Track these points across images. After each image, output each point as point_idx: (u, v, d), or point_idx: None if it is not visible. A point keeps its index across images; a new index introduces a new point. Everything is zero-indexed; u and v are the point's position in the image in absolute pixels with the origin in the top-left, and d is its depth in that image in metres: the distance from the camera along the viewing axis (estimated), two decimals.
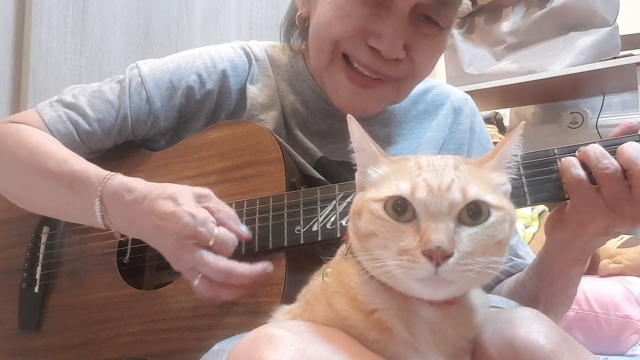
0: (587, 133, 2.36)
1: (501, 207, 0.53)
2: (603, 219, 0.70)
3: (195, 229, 0.73)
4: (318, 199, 0.81)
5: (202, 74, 0.95)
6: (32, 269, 0.94)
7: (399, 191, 0.52)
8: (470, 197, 0.51)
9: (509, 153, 0.58)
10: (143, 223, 0.77)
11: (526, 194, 0.73)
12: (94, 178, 0.81)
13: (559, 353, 0.54)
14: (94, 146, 0.94)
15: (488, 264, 0.51)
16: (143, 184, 0.79)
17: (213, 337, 0.75)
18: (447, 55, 2.33)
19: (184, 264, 0.75)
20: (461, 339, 0.57)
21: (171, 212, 0.74)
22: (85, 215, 0.83)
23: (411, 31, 0.85)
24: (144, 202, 0.77)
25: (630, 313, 1.65)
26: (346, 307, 0.57)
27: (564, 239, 0.77)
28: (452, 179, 0.52)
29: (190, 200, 0.76)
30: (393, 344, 0.55)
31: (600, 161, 0.69)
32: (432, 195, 0.51)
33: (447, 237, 0.49)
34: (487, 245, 0.52)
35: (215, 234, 0.74)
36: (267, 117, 0.93)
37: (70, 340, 0.89)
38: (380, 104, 0.94)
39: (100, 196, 0.80)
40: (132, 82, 0.94)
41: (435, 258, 0.49)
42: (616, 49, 2.01)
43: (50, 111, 0.93)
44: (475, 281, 0.53)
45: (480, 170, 0.56)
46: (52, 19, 1.52)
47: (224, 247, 0.74)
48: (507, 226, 0.53)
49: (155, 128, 0.95)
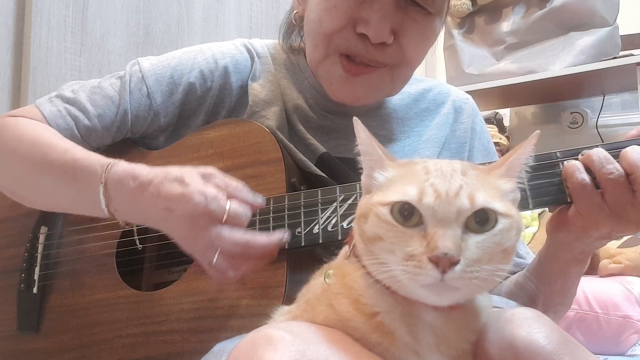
0: (587, 133, 2.36)
1: (509, 215, 0.52)
2: (607, 224, 0.70)
3: (207, 206, 0.73)
4: (319, 200, 0.80)
5: (203, 70, 0.95)
6: (30, 270, 0.94)
7: (406, 196, 0.52)
8: (478, 204, 0.51)
9: (519, 162, 0.57)
10: (150, 208, 0.76)
11: (528, 198, 0.73)
12: (97, 166, 0.80)
13: (559, 353, 0.54)
14: (93, 142, 0.94)
15: (494, 271, 0.51)
16: (147, 169, 0.78)
17: (214, 340, 0.74)
18: (447, 55, 2.33)
19: (199, 243, 0.74)
20: (464, 342, 0.57)
21: (180, 194, 0.74)
22: (89, 205, 0.82)
23: (399, 17, 0.85)
24: (150, 186, 0.76)
25: (630, 313, 1.65)
26: (349, 308, 0.57)
27: (566, 240, 0.77)
28: (461, 185, 0.52)
29: (197, 179, 0.76)
30: (394, 347, 0.55)
31: (604, 166, 0.68)
32: (440, 201, 0.51)
33: (455, 244, 0.49)
34: (494, 252, 0.51)
35: (228, 208, 0.74)
36: (269, 113, 0.93)
37: (69, 342, 0.89)
38: (374, 93, 0.94)
39: (104, 184, 0.79)
40: (133, 78, 0.94)
41: (442, 265, 0.49)
42: (616, 49, 2.00)
43: (49, 106, 0.92)
44: (480, 288, 0.53)
45: (488, 177, 0.55)
46: (52, 19, 1.51)
47: (237, 219, 0.74)
48: (513, 234, 0.53)
49: (155, 124, 0.95)
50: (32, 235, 0.95)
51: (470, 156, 1.01)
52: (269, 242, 0.75)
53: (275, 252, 0.77)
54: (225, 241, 0.73)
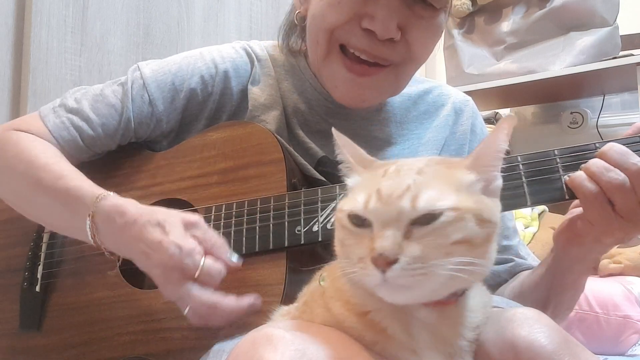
0: (587, 133, 2.36)
1: (456, 208, 0.51)
2: (621, 229, 0.70)
3: (181, 261, 0.72)
4: (319, 199, 0.81)
5: (204, 75, 0.95)
6: (33, 268, 0.94)
7: (355, 205, 0.54)
8: (419, 205, 0.51)
9: (490, 150, 0.56)
10: (132, 248, 0.77)
11: (526, 195, 0.73)
12: (88, 197, 0.81)
13: (560, 353, 0.55)
14: (97, 149, 0.95)
15: (456, 264, 0.50)
16: (135, 207, 0.78)
17: (213, 337, 0.75)
18: (447, 55, 2.32)
19: (172, 293, 0.74)
20: (460, 339, 0.57)
21: (158, 242, 0.73)
22: (78, 232, 0.83)
23: (405, 13, 0.85)
24: (134, 227, 0.76)
25: (630, 313, 1.65)
26: (341, 310, 0.58)
27: (579, 255, 0.77)
28: (408, 186, 0.52)
29: (178, 229, 0.75)
30: (390, 345, 0.55)
31: (605, 174, 0.68)
32: (382, 203, 0.52)
33: (391, 244, 0.50)
34: (442, 246, 0.51)
35: (202, 265, 0.73)
36: (268, 117, 0.94)
37: (70, 340, 0.90)
38: (380, 94, 0.93)
39: (91, 215, 0.79)
40: (135, 85, 0.94)
41: (380, 265, 0.50)
42: (616, 49, 2.00)
43: (53, 117, 0.93)
44: (451, 281, 0.52)
45: (449, 171, 0.55)
46: (52, 19, 1.52)
47: (210, 278, 0.73)
48: (467, 225, 0.52)
49: (158, 130, 0.95)
50: (36, 235, 0.96)
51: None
52: (237, 307, 0.74)
53: (245, 315, 0.75)
54: (193, 300, 0.72)
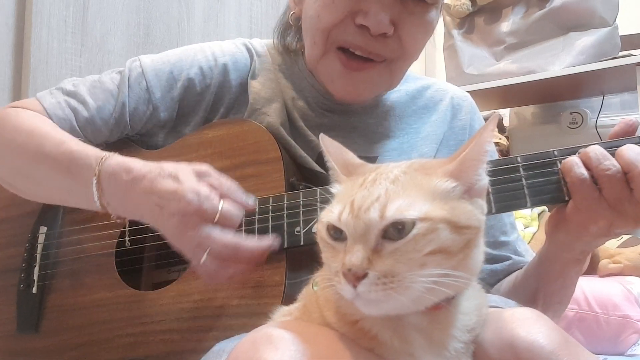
0: (586, 133, 2.36)
1: (428, 218, 0.50)
2: (605, 218, 0.70)
3: (200, 205, 0.72)
4: (318, 199, 0.80)
5: (203, 66, 0.96)
6: (29, 269, 0.94)
7: (331, 217, 0.54)
8: (387, 216, 0.50)
9: (474, 154, 0.54)
10: (142, 203, 0.76)
11: (526, 196, 0.73)
12: (92, 158, 0.80)
13: (559, 353, 0.54)
14: (90, 135, 0.94)
15: (429, 277, 0.49)
16: (141, 164, 0.78)
17: (214, 339, 0.74)
18: (447, 55, 2.32)
19: (189, 242, 0.74)
20: (455, 341, 0.57)
21: (173, 191, 0.73)
22: (82, 197, 0.82)
23: (398, 9, 0.86)
24: (143, 181, 0.76)
25: (629, 313, 1.65)
26: (334, 319, 0.58)
27: (565, 241, 0.77)
28: (378, 196, 0.51)
29: (191, 177, 0.75)
30: (385, 350, 0.55)
31: (601, 162, 0.69)
32: (352, 216, 0.51)
33: (359, 259, 0.49)
34: (414, 259, 0.50)
35: (220, 208, 0.73)
36: (269, 109, 0.94)
37: (69, 342, 0.89)
38: (375, 88, 0.94)
39: (97, 176, 0.79)
40: (133, 73, 0.95)
41: (350, 280, 0.50)
42: (616, 49, 2.00)
43: (50, 98, 0.93)
44: (429, 293, 0.51)
45: (425, 178, 0.54)
46: (52, 19, 1.52)
47: (229, 220, 0.74)
48: (440, 235, 0.50)
49: (154, 119, 0.95)
50: (31, 235, 0.96)
51: None
52: (258, 246, 0.75)
53: (264, 257, 0.76)
54: (214, 242, 0.72)
